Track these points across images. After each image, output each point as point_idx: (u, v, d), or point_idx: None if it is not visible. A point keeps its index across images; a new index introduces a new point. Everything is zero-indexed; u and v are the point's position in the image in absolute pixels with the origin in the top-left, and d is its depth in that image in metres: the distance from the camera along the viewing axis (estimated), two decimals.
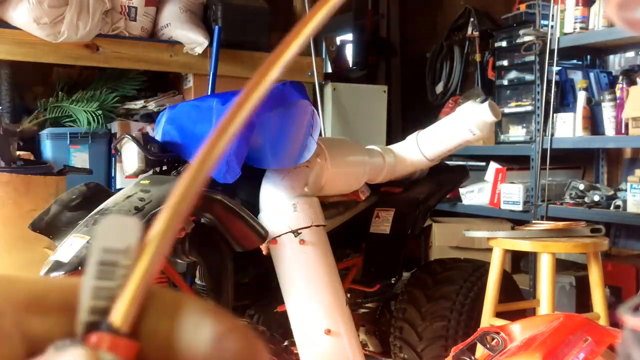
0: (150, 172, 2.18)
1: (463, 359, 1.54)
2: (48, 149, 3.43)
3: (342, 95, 4.18)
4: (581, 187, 3.39)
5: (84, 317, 0.24)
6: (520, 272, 3.76)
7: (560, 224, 2.42)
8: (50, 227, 2.11)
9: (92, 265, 0.24)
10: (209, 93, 3.33)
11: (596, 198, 3.27)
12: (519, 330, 1.49)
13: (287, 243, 2.10)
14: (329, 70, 5.01)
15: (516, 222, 3.55)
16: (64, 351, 0.23)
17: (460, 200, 4.07)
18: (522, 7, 3.89)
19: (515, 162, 3.86)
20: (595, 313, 2.34)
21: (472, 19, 4.52)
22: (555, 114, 3.51)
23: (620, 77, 3.35)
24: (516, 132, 3.92)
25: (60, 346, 0.23)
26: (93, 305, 0.24)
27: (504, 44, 4.01)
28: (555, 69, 3.52)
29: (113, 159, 3.51)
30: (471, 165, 3.87)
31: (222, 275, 2.21)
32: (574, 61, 3.81)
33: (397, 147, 2.57)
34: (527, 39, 3.59)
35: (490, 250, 2.45)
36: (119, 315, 0.24)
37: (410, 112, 5.14)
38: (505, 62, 3.99)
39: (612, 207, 3.20)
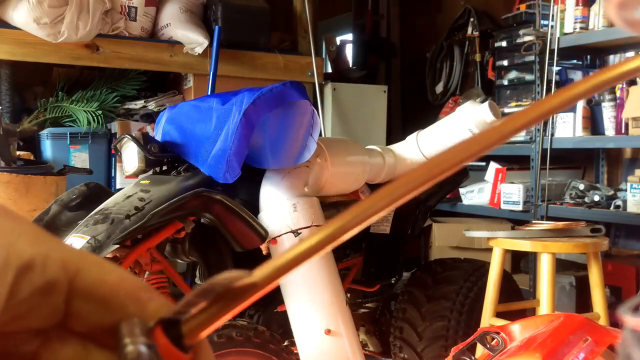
0: (150, 172, 2.18)
1: (463, 359, 1.54)
2: (48, 149, 3.43)
3: (342, 95, 4.18)
4: (581, 187, 3.39)
5: (168, 313, 0.28)
6: (520, 272, 3.76)
7: (560, 224, 2.42)
8: (50, 227, 2.11)
9: (199, 288, 0.28)
10: (209, 93, 3.33)
11: (596, 198, 3.27)
12: (519, 330, 1.49)
13: (287, 243, 2.10)
14: (329, 70, 5.01)
15: (516, 222, 3.55)
16: (135, 340, 0.27)
17: (460, 200, 4.07)
18: (522, 7, 3.89)
19: (515, 162, 3.86)
20: (595, 313, 2.34)
21: (472, 19, 4.52)
22: (555, 114, 3.51)
23: None
24: None
25: (133, 330, 0.27)
26: (179, 309, 0.28)
27: (504, 44, 4.01)
28: (555, 69, 3.52)
29: (113, 159, 3.51)
30: (471, 165, 3.87)
31: None
32: (574, 61, 3.81)
33: (397, 147, 2.57)
34: (527, 39, 3.59)
35: (490, 250, 2.45)
36: (189, 327, 0.28)
37: (410, 112, 5.14)
38: (505, 62, 3.99)
39: (612, 207, 3.20)
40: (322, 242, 0.27)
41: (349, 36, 5.78)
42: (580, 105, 3.43)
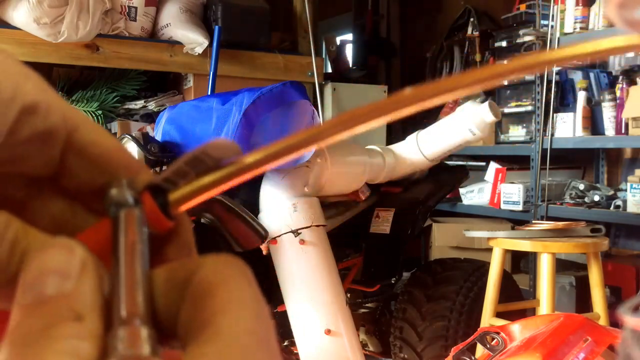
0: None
1: (463, 359, 1.54)
2: None
3: (342, 95, 4.18)
4: (581, 187, 3.39)
5: (157, 179, 0.28)
6: (520, 272, 3.77)
7: (560, 224, 2.42)
8: None
9: (189, 154, 0.28)
10: (209, 93, 3.33)
11: (596, 198, 3.27)
12: (519, 330, 1.49)
13: (287, 243, 2.10)
14: (329, 70, 5.01)
15: (516, 222, 3.55)
16: (123, 194, 0.26)
17: (460, 200, 4.07)
18: (522, 7, 3.89)
19: (515, 162, 3.86)
20: (595, 313, 2.34)
21: (472, 19, 4.52)
22: (555, 114, 3.51)
23: (620, 77, 3.35)
24: (516, 132, 3.92)
25: (121, 187, 0.27)
26: (168, 176, 0.28)
27: (504, 44, 4.01)
28: (555, 69, 3.52)
29: None
30: (471, 165, 3.88)
31: None
32: (574, 61, 3.80)
33: (397, 147, 2.57)
34: (527, 39, 3.59)
35: (490, 250, 2.45)
36: (175, 197, 0.28)
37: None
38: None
39: (612, 207, 3.20)
40: (310, 138, 0.28)
41: (349, 36, 5.78)
42: (581, 105, 3.43)
